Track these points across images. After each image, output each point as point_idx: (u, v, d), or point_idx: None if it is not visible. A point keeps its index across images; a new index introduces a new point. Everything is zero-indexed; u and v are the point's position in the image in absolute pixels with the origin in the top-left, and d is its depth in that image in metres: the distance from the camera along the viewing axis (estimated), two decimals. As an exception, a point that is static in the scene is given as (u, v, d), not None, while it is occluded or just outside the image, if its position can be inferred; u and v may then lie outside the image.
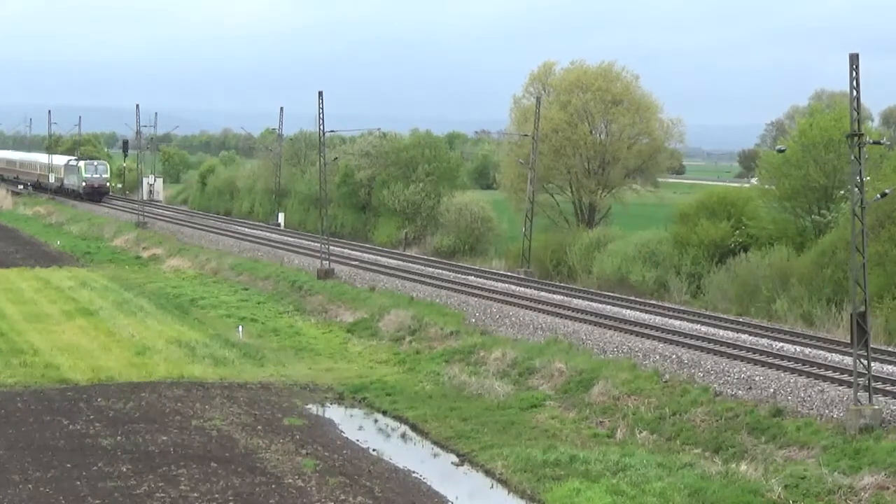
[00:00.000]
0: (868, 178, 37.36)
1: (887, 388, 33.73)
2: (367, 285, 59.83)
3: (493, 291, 56.26)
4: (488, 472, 31.99)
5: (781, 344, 42.03)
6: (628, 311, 50.34)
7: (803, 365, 37.61)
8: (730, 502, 27.77)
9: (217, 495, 27.92)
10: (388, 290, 57.53)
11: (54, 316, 54.10)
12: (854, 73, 32.60)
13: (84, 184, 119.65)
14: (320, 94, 65.90)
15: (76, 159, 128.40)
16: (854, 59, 32.64)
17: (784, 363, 37.86)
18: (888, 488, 27.61)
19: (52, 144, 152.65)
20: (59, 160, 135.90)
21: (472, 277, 62.95)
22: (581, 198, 76.94)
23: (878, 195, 38.04)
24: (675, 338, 42.99)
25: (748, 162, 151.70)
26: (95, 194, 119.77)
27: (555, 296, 55.59)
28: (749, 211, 58.89)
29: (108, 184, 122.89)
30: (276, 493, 28.33)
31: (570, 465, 31.00)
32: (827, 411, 32.67)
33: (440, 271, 65.57)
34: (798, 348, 41.11)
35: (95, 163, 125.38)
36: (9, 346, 46.20)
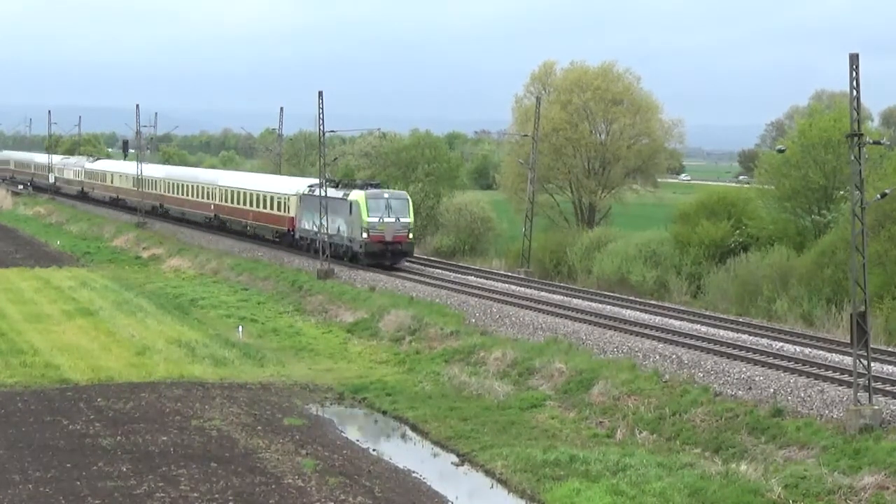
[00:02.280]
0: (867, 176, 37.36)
1: (887, 388, 33.74)
2: (367, 285, 59.81)
3: (493, 291, 56.27)
4: (488, 472, 31.99)
5: (781, 344, 42.02)
6: (628, 311, 50.33)
7: (803, 365, 37.61)
8: (730, 502, 27.77)
9: (217, 495, 27.91)
10: (387, 291, 57.52)
11: (54, 316, 54.10)
12: (854, 73, 32.59)
13: (366, 236, 62.49)
14: (320, 94, 65.89)
15: (338, 183, 67.94)
16: (854, 59, 32.63)
17: (784, 363, 37.85)
18: (888, 488, 27.62)
19: (51, 145, 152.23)
20: (283, 185, 75.14)
21: (471, 277, 62.94)
22: (581, 198, 77.08)
23: (878, 195, 38.04)
24: (675, 338, 42.98)
25: (748, 162, 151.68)
26: (387, 255, 63.26)
27: (555, 296, 55.57)
28: (749, 211, 58.98)
29: (410, 234, 63.78)
30: (276, 493, 28.33)
31: (570, 465, 30.99)
32: (827, 411, 32.67)
33: (440, 271, 65.56)
34: (798, 348, 41.11)
35: (386, 194, 63.80)
36: (9, 346, 46.19)
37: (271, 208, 74.09)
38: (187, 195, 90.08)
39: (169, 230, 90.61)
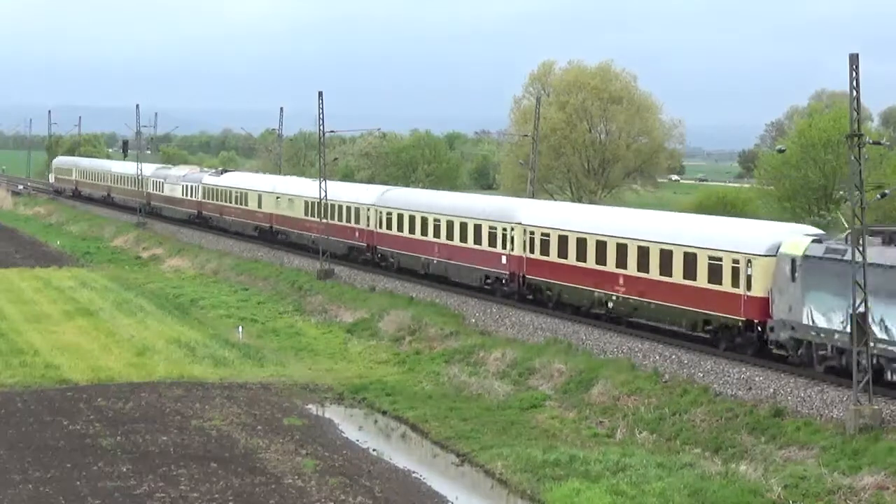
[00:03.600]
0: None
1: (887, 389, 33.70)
2: (367, 286, 59.79)
3: (493, 291, 56.01)
4: (488, 473, 32.00)
5: (781, 344, 41.92)
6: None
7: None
8: (730, 502, 27.78)
9: (217, 495, 27.94)
10: (387, 291, 57.47)
11: (54, 316, 54.10)
12: (854, 73, 32.59)
13: None
14: (320, 94, 65.91)
15: None
16: (854, 59, 32.63)
17: (784, 363, 37.78)
18: (888, 488, 27.63)
19: (52, 145, 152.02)
20: (726, 232, 38.84)
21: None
22: (581, 198, 77.07)
23: (878, 195, 38.07)
24: (675, 338, 42.88)
25: (748, 162, 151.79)
26: None
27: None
28: (748, 211, 59.00)
29: None
30: (276, 493, 28.36)
31: (570, 465, 31.00)
32: (827, 411, 32.66)
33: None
34: (798, 348, 41.00)
35: None
36: (9, 346, 46.23)
37: (692, 277, 39.37)
38: (414, 231, 57.17)
39: (169, 230, 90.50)
